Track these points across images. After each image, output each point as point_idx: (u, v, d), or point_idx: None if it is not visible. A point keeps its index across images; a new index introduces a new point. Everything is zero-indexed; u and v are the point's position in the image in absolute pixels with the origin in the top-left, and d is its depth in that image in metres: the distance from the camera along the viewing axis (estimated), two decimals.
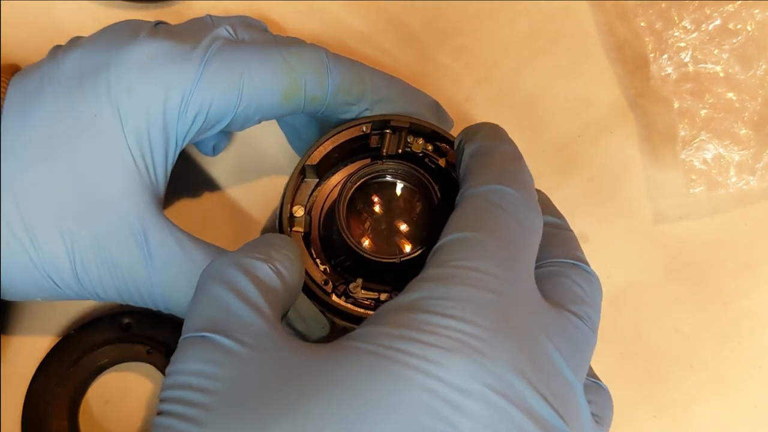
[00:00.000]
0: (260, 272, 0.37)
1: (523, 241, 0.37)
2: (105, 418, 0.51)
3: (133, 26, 0.45)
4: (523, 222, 0.38)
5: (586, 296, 0.39)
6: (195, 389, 0.32)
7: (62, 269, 0.42)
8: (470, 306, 0.33)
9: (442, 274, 0.35)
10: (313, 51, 0.46)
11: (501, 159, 0.41)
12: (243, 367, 0.33)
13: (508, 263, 0.35)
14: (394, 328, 0.33)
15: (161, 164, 0.44)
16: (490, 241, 0.36)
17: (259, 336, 0.34)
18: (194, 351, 0.34)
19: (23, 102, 0.43)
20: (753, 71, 0.57)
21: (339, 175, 0.49)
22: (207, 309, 0.35)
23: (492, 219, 0.37)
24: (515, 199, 0.38)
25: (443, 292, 0.34)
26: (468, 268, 0.35)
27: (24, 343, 0.52)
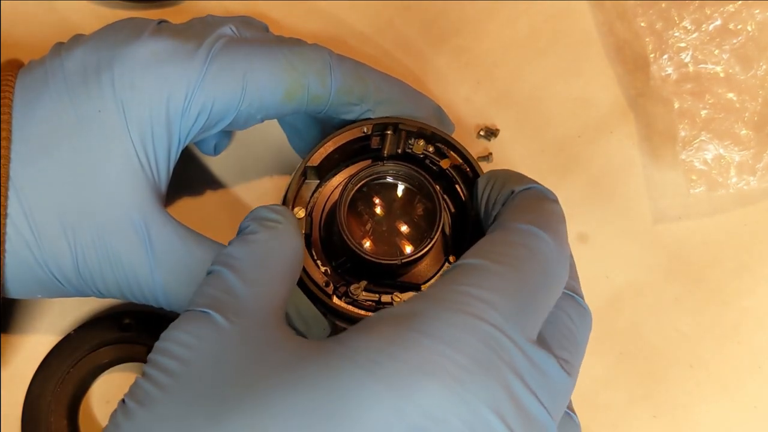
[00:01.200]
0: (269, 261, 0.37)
1: (541, 290, 0.36)
2: (105, 418, 0.51)
3: (137, 24, 0.45)
4: (548, 272, 0.36)
5: (576, 335, 0.38)
6: (173, 357, 0.33)
7: (65, 265, 0.42)
8: (462, 334, 0.32)
9: (444, 295, 0.34)
10: (317, 51, 0.46)
11: (546, 207, 0.40)
12: (225, 346, 0.33)
13: (519, 303, 0.34)
14: (380, 340, 0.32)
15: (164, 162, 0.44)
16: (507, 276, 0.35)
17: (252, 320, 0.35)
18: (187, 323, 0.34)
19: (26, 97, 0.43)
20: (753, 71, 0.57)
21: (340, 176, 0.49)
22: (212, 289, 0.36)
23: (517, 256, 0.36)
24: (548, 247, 0.37)
25: (438, 314, 0.33)
26: (472, 296, 0.33)
27: (24, 342, 0.52)
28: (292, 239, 0.39)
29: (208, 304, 0.35)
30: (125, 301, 0.44)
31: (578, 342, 0.38)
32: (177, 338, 0.34)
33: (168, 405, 0.32)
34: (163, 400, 0.32)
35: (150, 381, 0.33)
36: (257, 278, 0.37)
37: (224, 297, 0.35)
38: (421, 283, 0.45)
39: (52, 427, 0.49)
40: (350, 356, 0.32)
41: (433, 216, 0.45)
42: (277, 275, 0.38)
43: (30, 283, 0.42)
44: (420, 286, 0.45)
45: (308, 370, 0.32)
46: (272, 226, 0.39)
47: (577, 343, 0.38)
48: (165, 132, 0.43)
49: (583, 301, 0.39)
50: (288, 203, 0.45)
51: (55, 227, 0.41)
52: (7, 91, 0.42)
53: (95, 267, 0.42)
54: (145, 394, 0.32)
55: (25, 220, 0.41)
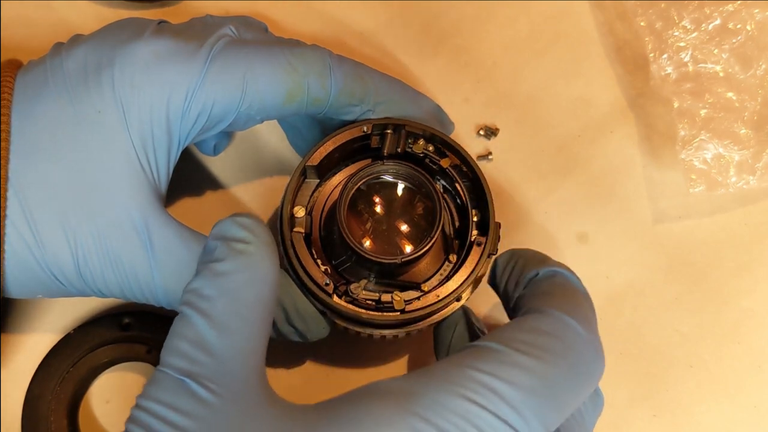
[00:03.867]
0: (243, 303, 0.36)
1: (569, 389, 0.33)
2: (105, 418, 0.51)
3: (137, 24, 0.45)
4: (578, 365, 0.34)
5: (586, 423, 0.36)
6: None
7: (65, 266, 0.42)
8: (465, 425, 0.30)
9: (450, 376, 0.32)
10: (317, 52, 0.46)
11: (577, 293, 0.37)
12: (211, 424, 0.32)
13: (536, 402, 0.32)
14: (369, 421, 0.31)
15: (164, 162, 0.44)
16: (529, 369, 0.32)
17: (231, 385, 0.34)
18: (167, 393, 0.33)
19: (26, 97, 0.43)
20: (753, 71, 0.57)
21: (340, 175, 0.49)
22: (186, 344, 0.35)
23: (544, 347, 0.33)
24: (579, 338, 0.34)
25: (438, 397, 0.31)
26: (482, 383, 0.31)
27: (24, 342, 0.52)
28: (266, 265, 0.37)
29: (184, 369, 0.34)
30: (125, 300, 0.44)
31: (587, 427, 0.36)
32: (157, 412, 0.33)
33: None
34: None
35: None
36: (231, 325, 0.35)
37: (200, 356, 0.34)
38: (421, 282, 0.45)
39: (52, 427, 0.49)
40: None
41: (433, 215, 0.45)
42: (253, 317, 0.36)
43: (30, 284, 0.42)
44: (420, 284, 0.45)
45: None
46: (242, 250, 0.37)
47: (586, 428, 0.36)
48: (165, 133, 0.43)
49: (598, 387, 0.37)
50: (288, 202, 0.45)
51: (55, 228, 0.41)
52: (6, 91, 0.42)
53: (96, 267, 0.42)
54: None
55: (25, 220, 0.41)
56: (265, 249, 0.37)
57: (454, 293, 0.44)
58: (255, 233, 0.37)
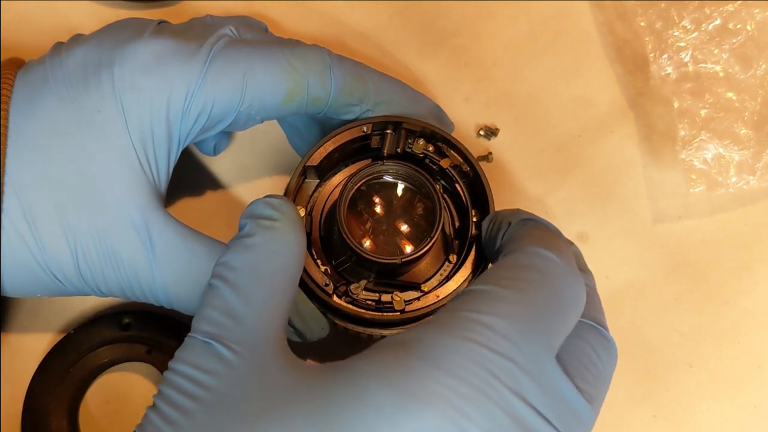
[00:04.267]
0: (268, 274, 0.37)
1: (554, 312, 0.35)
2: (105, 418, 0.51)
3: (138, 24, 0.45)
4: (560, 293, 0.36)
5: (597, 366, 0.37)
6: (181, 391, 0.34)
7: (64, 265, 0.42)
8: (464, 361, 0.32)
9: (447, 321, 0.34)
10: (317, 52, 0.46)
11: (547, 231, 0.39)
12: (230, 380, 0.34)
13: (525, 326, 0.33)
14: (378, 367, 0.32)
15: (164, 161, 0.44)
16: (514, 300, 0.34)
17: (255, 347, 0.35)
18: (194, 354, 0.35)
19: (26, 96, 0.43)
20: (753, 71, 0.57)
21: (340, 175, 0.49)
22: (214, 312, 0.36)
23: (525, 279, 0.35)
24: (558, 267, 0.36)
25: (440, 340, 0.33)
26: (476, 321, 0.33)
27: (24, 342, 0.52)
28: (292, 239, 0.39)
29: (210, 333, 0.36)
30: (126, 300, 0.44)
31: (600, 372, 0.37)
32: (188, 374, 0.35)
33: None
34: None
35: (160, 416, 0.34)
36: (254, 293, 0.37)
37: (225, 321, 0.36)
38: (422, 282, 0.45)
39: (51, 427, 0.49)
40: (345, 385, 0.32)
41: (433, 215, 0.45)
42: (277, 287, 0.38)
43: (29, 283, 0.42)
44: (420, 285, 0.45)
45: (306, 401, 0.32)
46: (269, 226, 0.39)
47: (599, 373, 0.37)
48: (165, 132, 0.43)
49: (608, 333, 0.38)
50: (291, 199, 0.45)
51: (54, 227, 0.41)
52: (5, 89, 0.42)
53: (96, 266, 0.42)
54: (153, 427, 0.34)
55: (24, 219, 0.41)
56: (291, 224, 0.39)
57: (454, 293, 0.44)
58: (282, 211, 0.39)
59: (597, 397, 0.36)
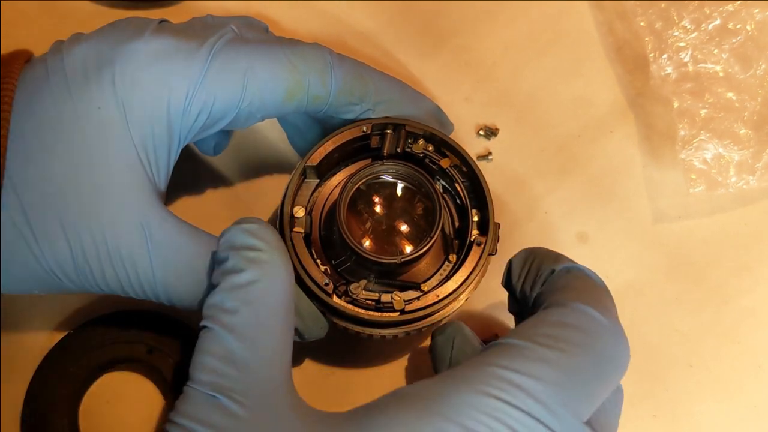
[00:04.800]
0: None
1: (596, 379, 0.33)
2: (105, 418, 0.51)
3: (138, 23, 0.45)
4: (604, 354, 0.34)
5: (615, 414, 0.36)
6: None
7: (64, 261, 0.41)
8: (490, 420, 0.31)
9: (475, 375, 0.32)
10: (317, 51, 0.46)
11: (594, 285, 0.37)
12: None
13: (564, 395, 0.32)
14: (400, 426, 0.31)
15: (164, 160, 0.44)
16: (553, 362, 0.32)
17: (264, 399, 0.34)
18: (198, 409, 0.34)
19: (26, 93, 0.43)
20: (753, 71, 0.57)
21: (340, 175, 0.49)
22: (214, 360, 0.35)
23: (568, 339, 0.33)
24: (605, 330, 0.34)
25: (465, 398, 0.31)
26: (506, 380, 0.31)
27: (24, 342, 0.52)
28: (282, 271, 0.38)
29: (212, 383, 0.35)
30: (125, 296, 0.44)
31: (615, 418, 0.36)
32: (190, 428, 0.34)
33: None
34: None
35: None
36: (255, 336, 0.36)
37: (228, 370, 0.35)
38: (421, 282, 0.45)
39: (52, 427, 0.49)
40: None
41: (433, 215, 0.45)
42: (276, 325, 0.37)
43: (28, 280, 0.42)
44: (420, 284, 0.45)
45: None
46: (255, 259, 0.38)
47: (615, 419, 0.36)
48: (165, 130, 0.43)
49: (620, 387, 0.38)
50: (288, 202, 0.45)
51: (54, 224, 0.41)
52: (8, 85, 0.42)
53: (95, 263, 0.42)
54: None
55: (23, 216, 0.41)
56: (277, 254, 0.38)
57: (454, 293, 0.44)
58: (264, 239, 0.38)
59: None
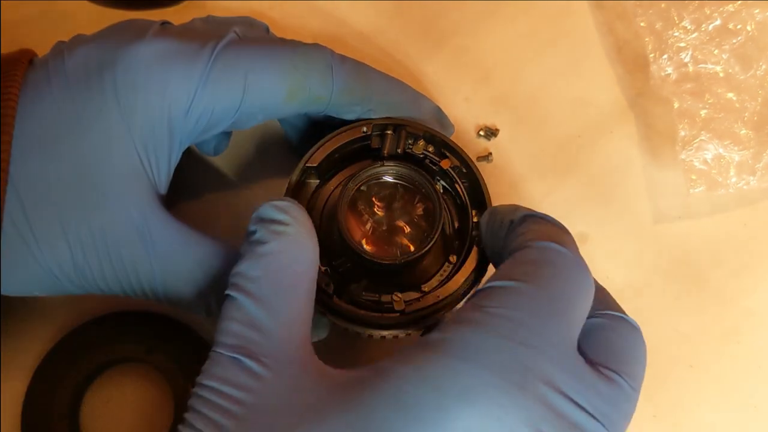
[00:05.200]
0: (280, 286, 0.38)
1: (569, 299, 0.36)
2: (105, 418, 0.51)
3: (140, 25, 0.45)
4: (572, 281, 0.37)
5: (631, 352, 0.38)
6: (218, 409, 0.34)
7: (64, 263, 0.41)
8: (495, 356, 0.33)
9: (474, 318, 0.34)
10: (319, 51, 0.46)
11: (550, 225, 0.41)
12: (263, 393, 0.34)
13: (546, 318, 0.35)
14: (413, 370, 0.33)
15: (164, 161, 0.44)
16: (533, 293, 0.35)
17: (285, 359, 0.35)
18: (223, 370, 0.35)
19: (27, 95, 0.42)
20: (753, 71, 0.57)
21: (340, 176, 0.49)
22: (236, 325, 0.37)
23: (540, 272, 0.36)
24: (569, 259, 0.38)
25: (468, 338, 0.33)
26: (501, 316, 0.34)
27: (24, 342, 0.52)
28: (307, 245, 0.39)
29: (236, 346, 0.36)
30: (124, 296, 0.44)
31: (631, 356, 0.38)
32: (217, 389, 0.35)
33: None
34: None
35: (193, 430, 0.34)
36: (280, 304, 0.37)
37: (251, 335, 0.36)
38: (422, 283, 0.45)
39: (51, 427, 0.49)
40: (382, 390, 0.32)
41: (433, 216, 0.45)
42: (299, 295, 0.38)
43: (28, 282, 0.42)
44: (420, 285, 0.45)
45: (345, 409, 0.33)
46: (281, 232, 0.39)
47: (630, 357, 0.38)
48: (166, 132, 0.43)
49: (628, 317, 0.40)
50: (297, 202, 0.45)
51: (54, 226, 0.41)
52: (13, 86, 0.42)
53: (95, 265, 0.42)
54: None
55: (24, 218, 0.41)
56: (303, 228, 0.40)
57: (455, 294, 0.44)
58: (292, 215, 0.40)
59: (634, 380, 0.37)
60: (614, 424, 0.35)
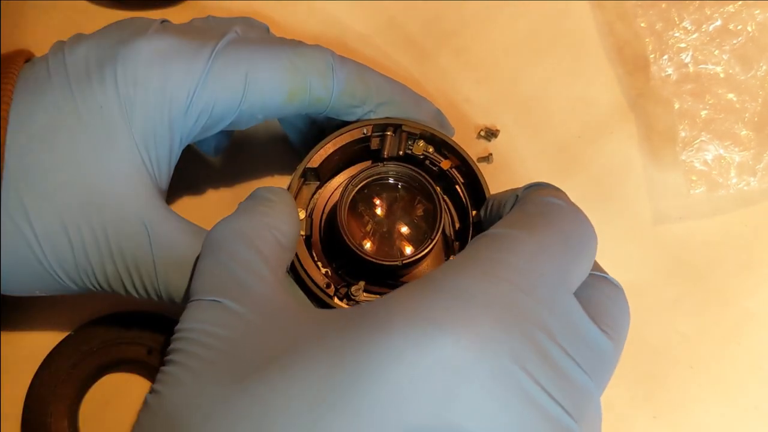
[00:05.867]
0: (262, 240, 0.38)
1: (568, 246, 0.36)
2: (105, 419, 0.51)
3: (140, 23, 0.45)
4: (570, 231, 0.37)
5: (616, 312, 0.37)
6: (199, 344, 0.34)
7: (65, 261, 0.42)
8: (482, 292, 0.32)
9: (469, 259, 0.34)
10: (319, 52, 0.46)
11: (553, 188, 0.41)
12: (248, 328, 0.34)
13: (542, 263, 0.34)
14: (397, 299, 0.32)
15: (165, 159, 0.44)
16: (529, 239, 0.35)
17: (265, 301, 0.36)
18: (203, 313, 0.35)
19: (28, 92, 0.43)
20: (753, 72, 0.57)
21: (340, 177, 0.49)
22: (212, 278, 0.37)
23: (538, 221, 0.36)
24: (567, 210, 0.38)
25: (457, 275, 0.33)
26: (492, 259, 0.34)
27: (24, 343, 0.52)
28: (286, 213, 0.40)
29: (215, 292, 0.36)
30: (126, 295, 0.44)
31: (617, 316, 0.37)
32: (197, 328, 0.35)
33: (195, 384, 0.33)
34: (191, 381, 0.33)
35: (175, 365, 0.34)
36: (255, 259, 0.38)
37: (227, 283, 0.36)
38: None
39: (52, 428, 0.49)
40: (368, 316, 0.32)
41: (434, 217, 0.45)
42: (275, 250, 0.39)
43: (29, 281, 0.42)
44: None
45: (326, 336, 0.32)
46: (265, 201, 0.40)
47: (617, 316, 0.37)
48: (167, 130, 0.43)
49: (614, 279, 0.40)
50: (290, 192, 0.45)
51: (55, 223, 0.41)
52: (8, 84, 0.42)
53: (97, 263, 0.42)
54: (173, 378, 0.33)
55: (24, 216, 0.41)
56: (286, 202, 0.41)
57: None
58: (280, 196, 0.41)
59: (617, 338, 0.36)
60: (599, 379, 0.35)
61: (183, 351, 0.34)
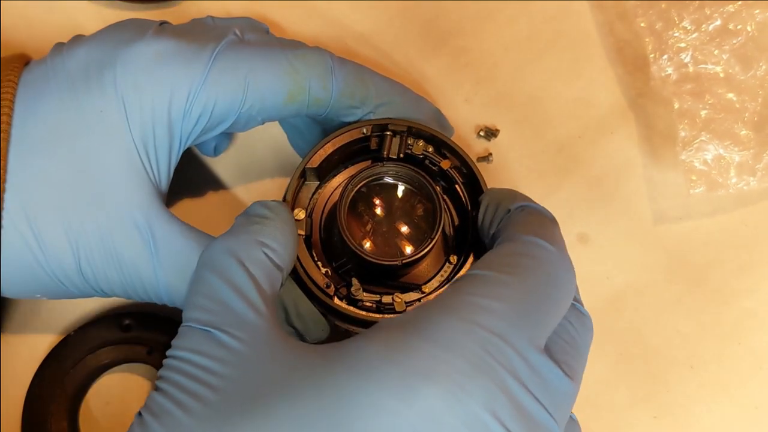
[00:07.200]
0: (254, 261, 0.38)
1: (548, 299, 0.37)
2: (105, 419, 0.51)
3: (139, 25, 0.45)
4: (555, 281, 0.37)
5: (577, 340, 0.38)
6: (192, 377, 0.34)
7: (66, 265, 0.42)
8: (461, 339, 0.33)
9: (446, 302, 0.35)
10: (319, 54, 0.46)
11: (547, 222, 0.41)
12: (237, 365, 0.34)
13: (520, 311, 0.35)
14: (379, 345, 0.33)
15: (165, 162, 0.44)
16: (512, 285, 0.35)
17: (254, 332, 0.36)
18: (194, 342, 0.35)
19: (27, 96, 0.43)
20: (753, 72, 0.57)
21: (340, 177, 0.49)
22: (205, 300, 0.37)
23: (523, 265, 0.37)
24: (554, 257, 0.38)
25: (438, 320, 0.34)
26: (474, 303, 0.34)
27: (24, 343, 0.52)
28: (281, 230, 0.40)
29: (206, 321, 0.36)
30: (127, 299, 0.44)
31: (580, 347, 0.38)
32: (189, 359, 0.35)
33: (182, 420, 0.33)
34: (178, 416, 0.33)
35: (166, 396, 0.34)
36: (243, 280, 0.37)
37: (219, 309, 0.36)
38: (422, 284, 0.45)
39: (52, 428, 0.49)
40: (351, 364, 0.33)
41: (433, 216, 0.45)
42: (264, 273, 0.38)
43: (30, 284, 0.42)
44: (421, 286, 0.45)
45: (311, 379, 0.33)
46: (259, 221, 0.40)
47: (579, 348, 0.38)
48: (166, 132, 0.43)
49: (583, 307, 0.40)
50: (288, 204, 0.45)
51: (56, 227, 0.41)
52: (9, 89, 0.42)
53: (98, 266, 0.42)
54: (163, 411, 0.34)
55: (25, 219, 0.41)
56: (283, 217, 0.41)
57: None
58: (275, 212, 0.41)
59: (577, 370, 0.37)
60: (562, 418, 0.35)
61: (174, 382, 0.34)
